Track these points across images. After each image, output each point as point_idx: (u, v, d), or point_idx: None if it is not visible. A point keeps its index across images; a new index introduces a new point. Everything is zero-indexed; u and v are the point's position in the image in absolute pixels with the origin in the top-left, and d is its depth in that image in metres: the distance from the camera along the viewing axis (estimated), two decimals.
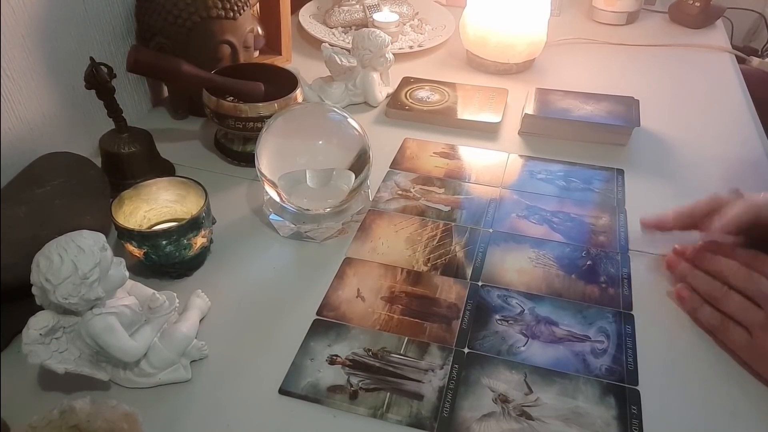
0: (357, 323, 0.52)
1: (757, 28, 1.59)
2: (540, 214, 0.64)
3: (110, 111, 0.61)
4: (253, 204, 0.66)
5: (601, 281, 0.56)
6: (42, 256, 0.40)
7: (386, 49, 0.80)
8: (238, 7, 0.72)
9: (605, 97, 0.81)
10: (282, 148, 0.58)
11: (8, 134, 0.59)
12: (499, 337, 0.51)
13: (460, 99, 0.83)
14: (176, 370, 0.47)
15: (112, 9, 0.70)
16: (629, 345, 0.50)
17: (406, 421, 0.44)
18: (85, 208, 0.55)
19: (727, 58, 1.00)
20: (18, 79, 0.60)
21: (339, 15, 1.03)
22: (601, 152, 0.74)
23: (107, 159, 0.63)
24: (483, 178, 0.70)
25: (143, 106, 0.80)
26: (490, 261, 0.58)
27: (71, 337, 0.43)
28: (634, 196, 0.67)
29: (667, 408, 0.46)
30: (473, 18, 0.90)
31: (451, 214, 0.64)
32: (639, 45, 1.02)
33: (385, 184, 0.68)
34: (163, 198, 0.57)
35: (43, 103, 0.63)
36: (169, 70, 0.63)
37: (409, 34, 1.03)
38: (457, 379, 0.47)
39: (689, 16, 1.09)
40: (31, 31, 0.60)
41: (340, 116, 0.60)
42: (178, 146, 0.74)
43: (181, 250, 0.53)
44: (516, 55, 0.90)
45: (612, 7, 1.09)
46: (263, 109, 0.65)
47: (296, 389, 0.46)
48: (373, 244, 0.60)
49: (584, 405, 0.45)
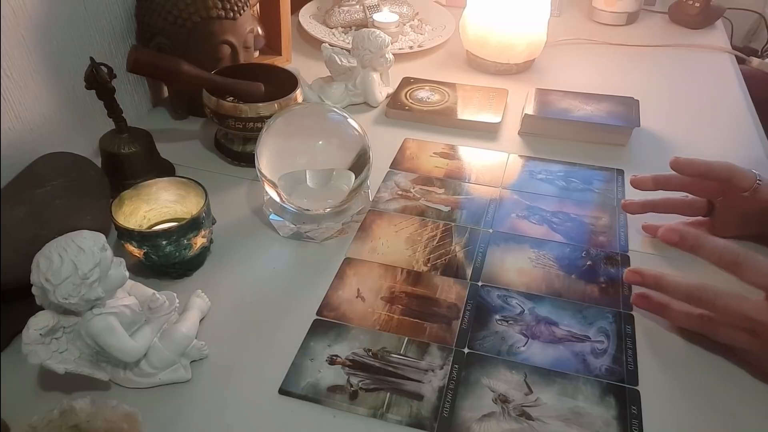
0: (357, 323, 0.52)
1: (756, 29, 1.59)
2: (540, 214, 0.64)
3: (110, 111, 0.61)
4: (253, 204, 0.66)
5: (601, 281, 0.56)
6: (42, 257, 0.40)
7: (386, 49, 0.80)
8: (238, 7, 0.72)
9: (605, 97, 0.81)
10: (282, 149, 0.58)
11: (8, 134, 0.59)
12: (499, 338, 0.51)
13: (460, 99, 0.83)
14: (176, 370, 0.47)
15: (112, 9, 0.70)
16: (629, 345, 0.50)
17: (406, 421, 0.44)
18: (85, 208, 0.55)
19: (726, 58, 1.00)
20: (18, 79, 0.60)
21: (339, 15, 1.03)
22: (601, 152, 0.74)
23: (107, 159, 0.63)
24: (483, 178, 0.70)
25: (143, 106, 0.80)
26: (490, 261, 0.58)
27: (71, 337, 0.43)
28: (634, 197, 0.66)
29: (667, 408, 0.46)
30: (473, 18, 0.91)
31: (451, 214, 0.64)
32: (639, 45, 1.02)
33: (385, 184, 0.68)
34: (163, 198, 0.57)
35: (43, 103, 0.63)
36: (169, 70, 0.63)
37: (409, 34, 1.03)
38: (457, 379, 0.47)
39: (689, 16, 1.09)
40: (31, 31, 0.60)
41: (340, 116, 0.60)
42: (178, 146, 0.74)
43: (181, 250, 0.53)
44: (516, 56, 0.90)
45: (612, 8, 1.09)
46: (263, 109, 0.65)
47: (296, 389, 0.46)
48: (373, 244, 0.60)
49: (584, 405, 0.45)
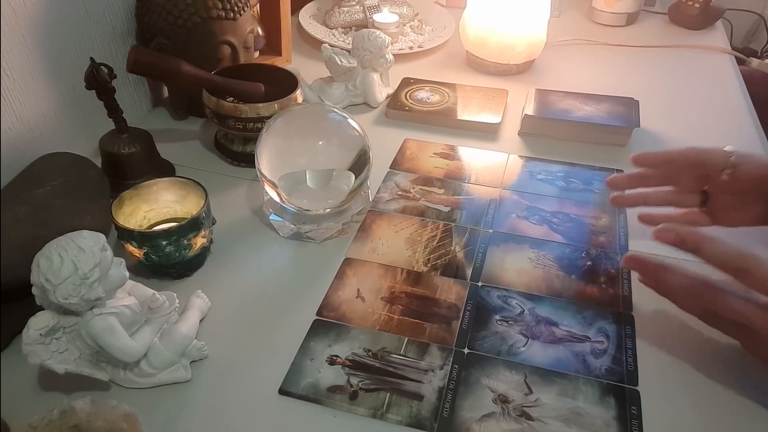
0: (357, 323, 0.52)
1: (756, 30, 1.59)
2: (540, 214, 0.64)
3: (110, 111, 0.61)
4: (253, 204, 0.66)
5: (601, 281, 0.56)
6: (42, 257, 0.40)
7: (386, 49, 0.80)
8: (238, 7, 0.72)
9: (605, 97, 0.81)
10: (282, 149, 0.58)
11: (8, 134, 0.59)
12: (499, 338, 0.51)
13: (460, 100, 0.83)
14: (176, 370, 0.47)
15: (112, 9, 0.70)
16: (629, 345, 0.50)
17: (406, 421, 0.44)
18: (85, 209, 0.55)
19: (726, 59, 1.00)
20: (18, 79, 0.60)
21: (339, 16, 1.03)
22: (601, 153, 0.74)
23: (107, 159, 0.63)
24: (483, 178, 0.70)
25: (143, 106, 0.80)
26: (490, 261, 0.58)
27: (71, 337, 0.43)
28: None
29: (667, 408, 0.46)
30: (473, 19, 0.91)
31: (451, 214, 0.64)
32: (639, 46, 1.02)
33: (385, 184, 0.68)
34: (163, 198, 0.57)
35: (43, 103, 0.63)
36: (169, 70, 0.63)
37: (409, 34, 1.03)
38: (457, 379, 0.47)
39: (689, 17, 1.09)
40: (31, 31, 0.60)
41: (340, 117, 0.60)
42: (178, 146, 0.74)
43: (181, 250, 0.53)
44: (516, 56, 0.90)
45: (612, 8, 1.09)
46: (263, 109, 0.65)
47: (296, 389, 0.46)
48: (373, 244, 0.60)
49: (584, 405, 0.45)
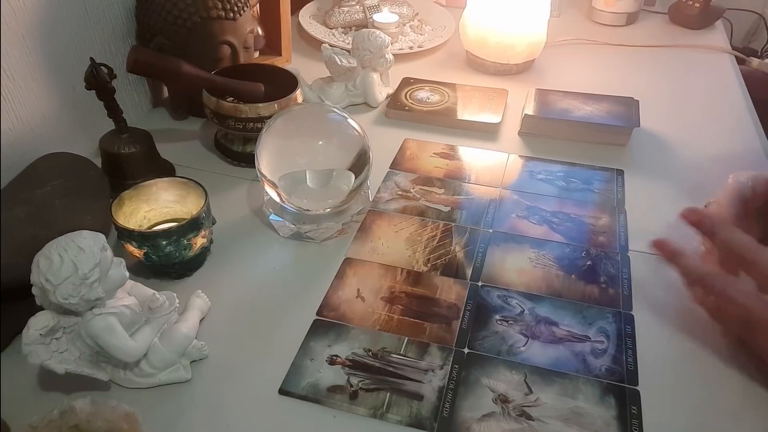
0: (357, 323, 0.52)
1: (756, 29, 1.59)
2: (540, 214, 0.64)
3: (110, 111, 0.61)
4: (253, 204, 0.66)
5: (601, 281, 0.56)
6: (42, 257, 0.40)
7: (386, 49, 0.80)
8: (238, 7, 0.72)
9: (605, 97, 0.81)
10: (282, 149, 0.58)
11: (8, 134, 0.59)
12: (499, 338, 0.51)
13: (460, 100, 0.83)
14: (176, 370, 0.47)
15: (112, 9, 0.70)
16: (629, 345, 0.50)
17: (406, 421, 0.44)
18: (85, 209, 0.55)
19: (726, 58, 1.00)
20: (18, 79, 0.60)
21: (339, 16, 1.03)
22: (601, 153, 0.74)
23: (107, 159, 0.63)
24: (483, 178, 0.70)
25: (143, 106, 0.80)
26: (490, 261, 0.58)
27: (71, 337, 0.43)
28: (634, 197, 0.67)
29: (667, 408, 0.46)
30: (473, 19, 0.91)
31: (451, 214, 0.64)
32: (639, 46, 1.02)
33: (385, 184, 0.68)
34: (163, 198, 0.57)
35: (43, 103, 0.63)
36: (169, 70, 0.63)
37: (409, 34, 1.03)
38: (457, 379, 0.47)
39: (689, 16, 1.09)
40: (31, 31, 0.60)
41: (340, 117, 0.60)
42: (178, 146, 0.74)
43: (181, 250, 0.53)
44: (516, 56, 0.90)
45: (612, 8, 1.09)
46: (263, 109, 0.65)
47: (296, 389, 0.46)
48: (373, 244, 0.60)
49: (584, 405, 0.45)
